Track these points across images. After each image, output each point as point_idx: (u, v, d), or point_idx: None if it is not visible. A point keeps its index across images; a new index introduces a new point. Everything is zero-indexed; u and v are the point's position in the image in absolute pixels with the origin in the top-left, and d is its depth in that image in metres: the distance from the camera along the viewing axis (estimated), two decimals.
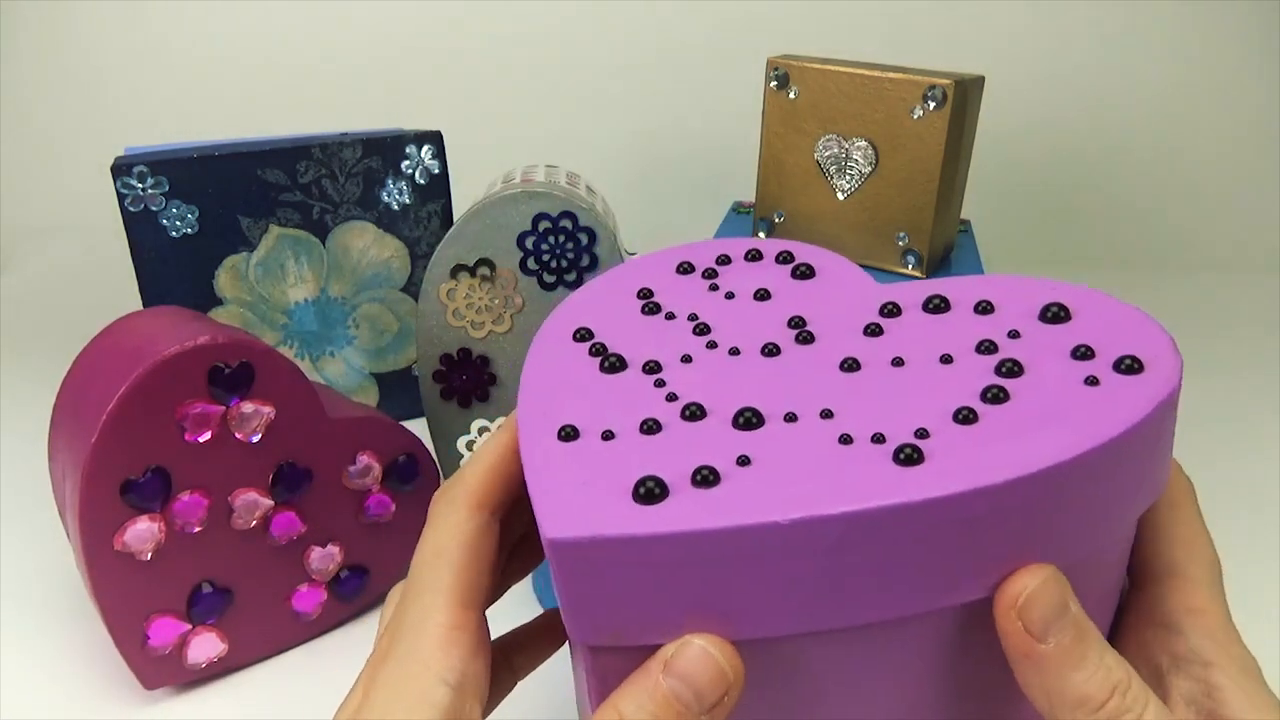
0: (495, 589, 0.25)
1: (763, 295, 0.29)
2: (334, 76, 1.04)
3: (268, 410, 0.41)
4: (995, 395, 0.22)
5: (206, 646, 0.43)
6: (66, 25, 1.03)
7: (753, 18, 1.02)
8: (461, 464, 0.24)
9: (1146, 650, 0.23)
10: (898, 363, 0.25)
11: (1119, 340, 0.24)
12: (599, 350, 0.26)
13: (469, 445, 0.55)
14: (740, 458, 0.21)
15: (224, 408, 0.40)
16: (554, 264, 0.52)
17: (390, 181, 0.61)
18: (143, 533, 0.39)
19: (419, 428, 0.52)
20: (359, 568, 0.47)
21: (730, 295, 0.29)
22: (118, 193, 0.55)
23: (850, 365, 0.25)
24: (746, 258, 0.31)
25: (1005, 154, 0.99)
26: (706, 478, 0.21)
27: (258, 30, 1.04)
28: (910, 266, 0.65)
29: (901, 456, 0.20)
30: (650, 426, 0.23)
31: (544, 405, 0.24)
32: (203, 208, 0.57)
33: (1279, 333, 0.82)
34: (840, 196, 0.67)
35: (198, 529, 0.41)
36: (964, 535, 0.20)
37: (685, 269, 0.31)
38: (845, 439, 0.22)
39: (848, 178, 0.66)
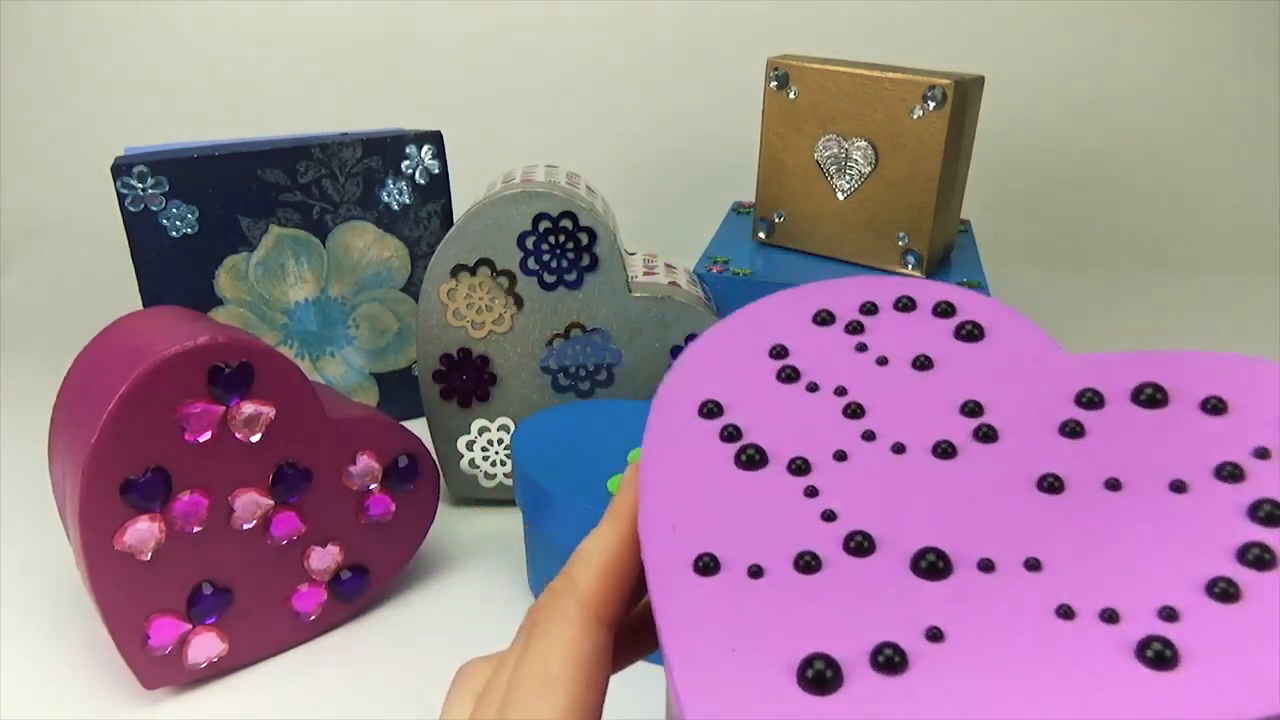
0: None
1: (923, 363, 0.23)
2: (334, 76, 1.04)
3: (268, 410, 0.41)
4: (1259, 556, 0.17)
5: (206, 646, 0.43)
6: (66, 25, 1.03)
7: (753, 18, 1.02)
8: (568, 565, 0.21)
9: None
10: (1113, 485, 0.19)
11: None
12: (732, 434, 0.22)
13: (469, 445, 0.55)
14: (930, 631, 0.17)
15: (224, 408, 0.40)
16: (554, 264, 0.52)
17: (390, 181, 0.61)
18: (143, 533, 0.39)
19: (419, 428, 0.52)
20: (359, 568, 0.47)
21: (883, 361, 0.24)
22: (118, 193, 0.55)
23: (1051, 484, 0.19)
24: (896, 306, 0.25)
25: (1005, 154, 0.99)
26: (891, 659, 0.16)
27: (258, 30, 1.04)
28: (910, 266, 0.65)
29: (1150, 654, 0.16)
30: (808, 562, 0.18)
31: (674, 514, 0.20)
32: (203, 208, 0.57)
33: (1279, 334, 0.82)
34: (840, 196, 0.67)
35: (198, 529, 0.41)
36: None
37: (824, 319, 0.25)
38: (1065, 611, 0.17)
39: (848, 178, 0.66)
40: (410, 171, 0.61)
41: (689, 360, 0.24)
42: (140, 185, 0.55)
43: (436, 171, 0.62)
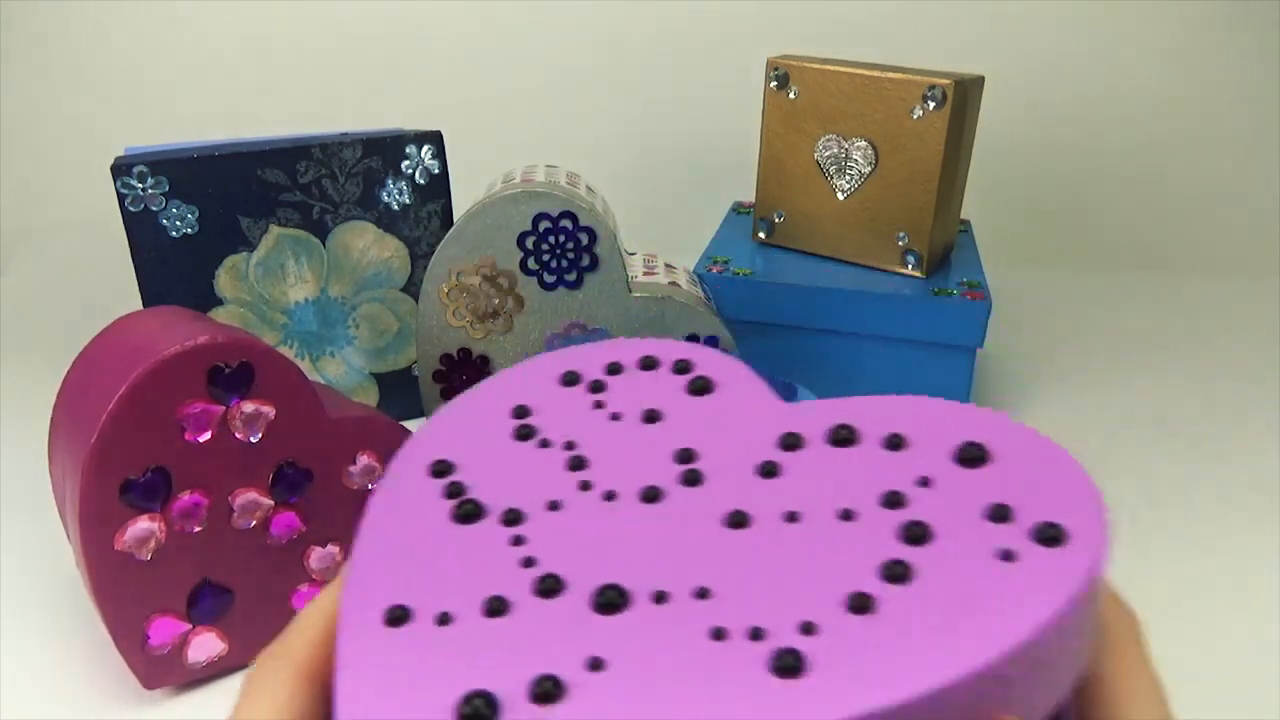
0: None
1: (652, 417, 0.25)
2: (334, 76, 1.04)
3: (268, 410, 0.41)
4: (896, 573, 0.19)
5: (206, 646, 0.43)
6: (66, 25, 1.03)
7: (753, 18, 1.02)
8: (286, 630, 0.22)
9: None
10: (791, 518, 0.21)
11: (1040, 496, 0.20)
12: (455, 491, 0.23)
13: None
14: (592, 661, 0.18)
15: (224, 408, 0.40)
16: (554, 264, 0.52)
17: (390, 181, 0.61)
18: (143, 533, 0.39)
19: (419, 428, 0.52)
20: None
21: (616, 416, 0.25)
22: (118, 193, 0.55)
23: (738, 520, 0.21)
24: (640, 365, 0.27)
25: (1005, 154, 0.99)
26: (548, 692, 0.17)
27: (258, 30, 1.04)
28: (910, 266, 0.65)
29: (780, 666, 0.17)
30: (496, 607, 0.19)
31: (377, 572, 0.21)
32: (203, 208, 0.57)
33: (1279, 334, 0.82)
34: (840, 196, 0.67)
35: (198, 529, 0.41)
36: None
37: (570, 380, 0.27)
38: (718, 634, 0.18)
39: (848, 178, 0.66)
40: (410, 171, 0.61)
41: (433, 423, 0.25)
42: (140, 185, 0.55)
43: (436, 171, 0.62)
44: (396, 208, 0.62)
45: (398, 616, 0.19)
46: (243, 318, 0.61)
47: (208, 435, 0.40)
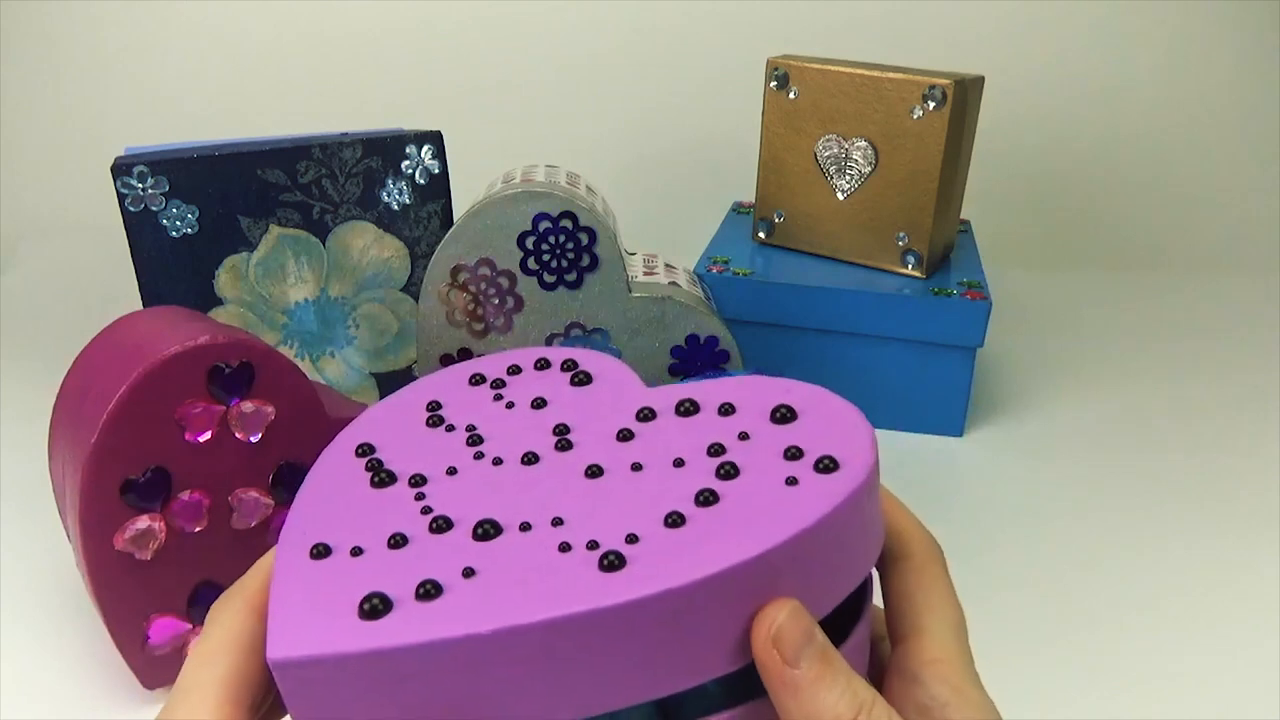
0: (267, 692, 0.25)
1: (539, 404, 0.31)
2: (334, 76, 1.04)
3: (268, 410, 0.41)
4: (706, 499, 0.24)
5: None
6: (66, 25, 1.03)
7: (753, 18, 1.02)
8: (244, 575, 0.26)
9: (897, 701, 0.25)
10: (636, 468, 0.26)
11: (827, 440, 0.26)
12: (373, 465, 0.28)
13: None
14: (466, 569, 0.23)
15: (224, 408, 0.40)
16: (554, 264, 0.52)
17: (390, 181, 0.61)
18: (143, 533, 0.39)
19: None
20: None
21: (510, 405, 0.31)
22: (118, 193, 0.55)
23: (594, 472, 0.26)
24: (535, 366, 0.33)
25: (1005, 154, 0.99)
26: (429, 591, 0.22)
27: (258, 30, 1.04)
28: (910, 266, 0.65)
29: (605, 563, 0.22)
30: (397, 541, 0.24)
31: (305, 523, 0.25)
32: (203, 208, 0.57)
33: (1279, 333, 0.82)
34: (840, 196, 0.67)
35: (198, 529, 0.41)
36: (665, 630, 0.22)
37: (476, 380, 0.32)
38: (564, 547, 0.23)
39: (848, 178, 0.66)
40: (410, 171, 0.61)
41: (362, 416, 0.31)
42: (140, 185, 0.55)
43: (436, 171, 0.62)
44: (396, 208, 0.62)
45: (320, 551, 0.24)
46: (243, 318, 0.61)
47: (208, 435, 0.40)
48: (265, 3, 1.03)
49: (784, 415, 0.27)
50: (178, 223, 0.57)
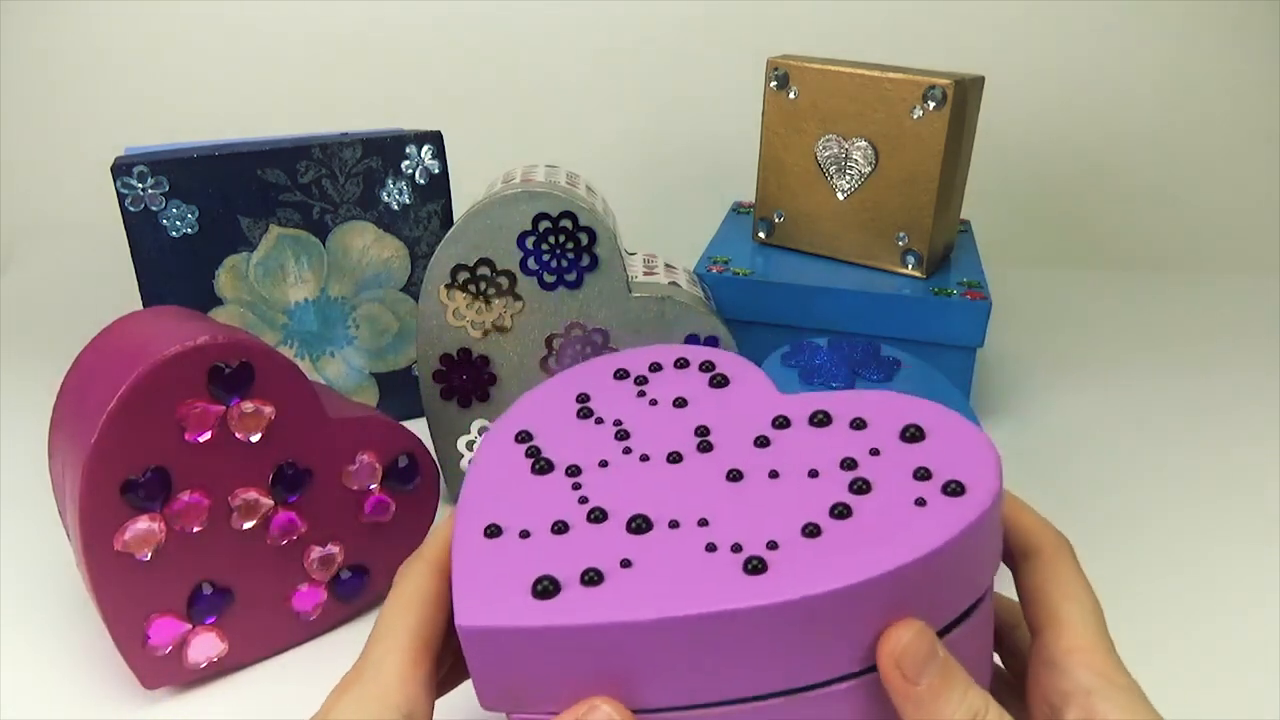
0: (447, 644, 0.29)
1: (680, 403, 0.33)
2: (334, 76, 1.04)
3: (268, 410, 0.41)
4: (841, 512, 0.26)
5: (206, 646, 0.43)
6: (66, 25, 1.03)
7: (753, 18, 1.02)
8: (424, 542, 0.30)
9: (1043, 690, 0.27)
10: (774, 475, 0.29)
11: (955, 463, 0.27)
12: (534, 453, 0.31)
13: (469, 445, 0.55)
14: (624, 560, 0.26)
15: (224, 408, 0.40)
16: (554, 264, 0.52)
17: (390, 181, 0.61)
18: (143, 533, 0.39)
19: (419, 428, 0.52)
20: (359, 568, 0.47)
21: (654, 402, 0.33)
22: (118, 193, 0.55)
23: (735, 476, 0.29)
24: (675, 365, 0.35)
25: (1005, 154, 0.99)
26: (593, 578, 0.25)
27: (258, 30, 1.04)
28: (910, 266, 0.65)
29: (749, 566, 0.24)
30: (560, 527, 0.27)
31: (479, 503, 0.29)
32: (203, 208, 0.57)
33: (1279, 334, 0.82)
34: (840, 196, 0.67)
35: (198, 529, 0.41)
36: (800, 631, 0.24)
37: (621, 375, 0.35)
38: (711, 547, 0.26)
39: (848, 178, 0.66)
40: (410, 171, 0.61)
41: (518, 405, 0.34)
42: (140, 185, 0.55)
43: (436, 171, 0.62)
44: (396, 208, 0.62)
45: (492, 531, 0.27)
46: (243, 318, 0.61)
47: (208, 435, 0.40)
48: (265, 3, 1.03)
49: (913, 435, 0.29)
50: (178, 223, 0.57)
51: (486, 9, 1.04)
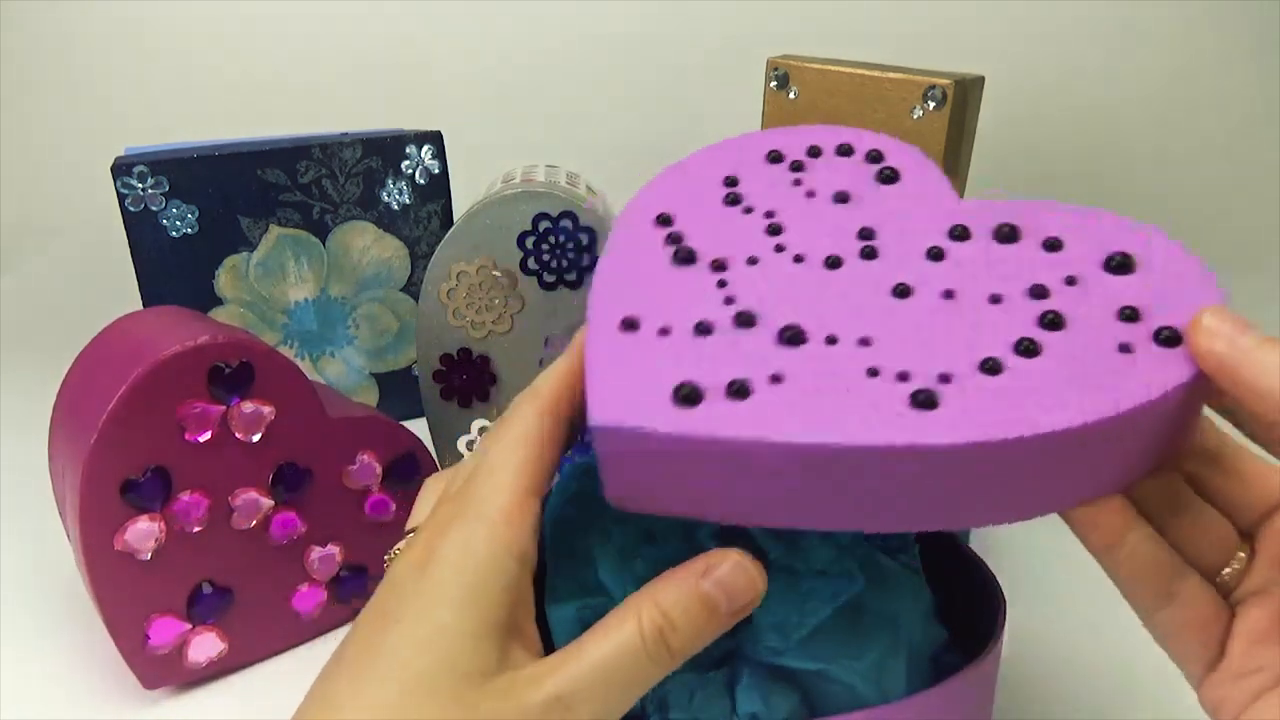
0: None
1: (842, 198, 0.29)
2: (334, 76, 1.04)
3: (268, 410, 0.41)
4: (1027, 348, 0.23)
5: (206, 646, 0.43)
6: (66, 25, 1.03)
7: (753, 18, 1.02)
8: (533, 382, 0.28)
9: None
10: (948, 295, 0.25)
11: (1171, 304, 0.23)
12: (675, 239, 0.28)
13: (469, 445, 0.55)
14: (774, 375, 0.23)
15: (224, 408, 0.40)
16: (554, 264, 0.52)
17: (390, 181, 0.61)
18: (143, 533, 0.39)
19: (419, 428, 0.52)
20: (359, 568, 0.47)
21: (811, 194, 0.29)
22: (118, 193, 0.55)
23: (902, 291, 0.25)
24: (837, 152, 0.31)
25: (1005, 154, 0.99)
26: (738, 390, 0.23)
27: (257, 30, 1.04)
28: None
29: (918, 399, 0.22)
30: (704, 328, 0.25)
31: (614, 291, 0.26)
32: (203, 208, 0.57)
33: (1278, 333, 0.82)
34: None
35: (198, 529, 0.41)
36: (967, 477, 0.21)
37: (775, 157, 0.31)
38: (873, 372, 0.23)
39: None
40: (410, 171, 0.61)
41: (657, 181, 0.30)
42: (140, 185, 0.55)
43: (436, 171, 0.62)
44: (396, 208, 0.62)
45: (629, 324, 0.25)
46: (243, 318, 0.61)
47: (208, 435, 0.40)
48: (265, 3, 1.03)
49: (1121, 263, 0.25)
50: (178, 223, 0.57)
51: (486, 9, 1.04)
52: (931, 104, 0.60)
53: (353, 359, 0.65)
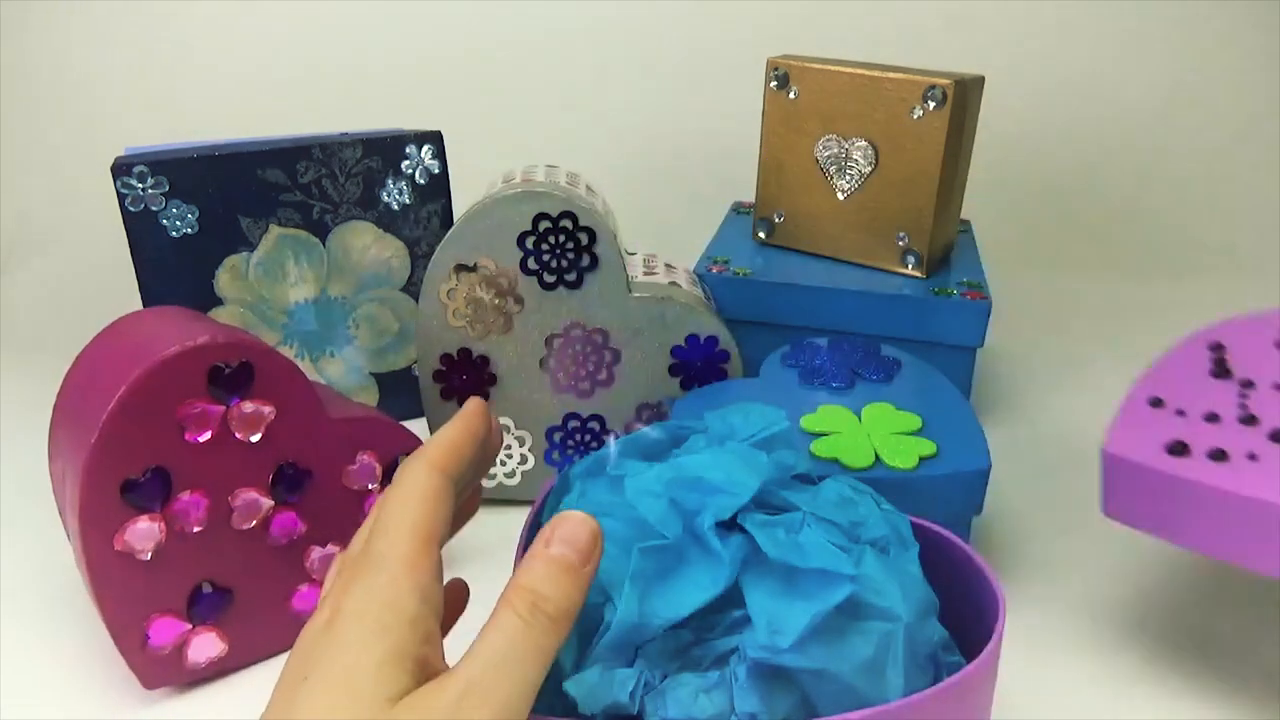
0: (447, 535, 0.29)
1: None
2: (334, 76, 1.04)
3: (268, 410, 0.41)
4: None
5: (206, 646, 0.43)
6: (66, 25, 1.03)
7: (753, 18, 1.02)
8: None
9: None
10: None
11: None
12: (1218, 360, 0.38)
13: None
14: (1250, 454, 0.32)
15: (224, 408, 0.40)
16: (554, 264, 0.52)
17: (390, 181, 0.61)
18: (143, 533, 0.39)
19: (419, 428, 0.52)
20: None
21: None
22: (118, 193, 0.55)
23: None
24: None
25: (1005, 154, 0.99)
26: (1217, 455, 0.32)
27: (258, 31, 1.04)
28: (910, 266, 0.65)
29: None
30: (1211, 418, 0.34)
31: (1156, 379, 0.37)
32: (203, 208, 0.57)
33: None
34: (840, 196, 0.67)
35: (198, 529, 0.41)
36: None
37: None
38: None
39: (848, 178, 0.66)
40: (410, 171, 0.61)
41: (1221, 327, 0.43)
42: (140, 185, 0.55)
43: (436, 171, 0.62)
44: (396, 208, 0.62)
45: (1156, 402, 0.36)
46: (243, 318, 0.61)
47: (208, 435, 0.40)
48: (265, 3, 1.03)
49: None
50: (178, 223, 0.57)
51: (486, 9, 1.04)
52: (931, 104, 0.60)
53: (353, 359, 0.65)
